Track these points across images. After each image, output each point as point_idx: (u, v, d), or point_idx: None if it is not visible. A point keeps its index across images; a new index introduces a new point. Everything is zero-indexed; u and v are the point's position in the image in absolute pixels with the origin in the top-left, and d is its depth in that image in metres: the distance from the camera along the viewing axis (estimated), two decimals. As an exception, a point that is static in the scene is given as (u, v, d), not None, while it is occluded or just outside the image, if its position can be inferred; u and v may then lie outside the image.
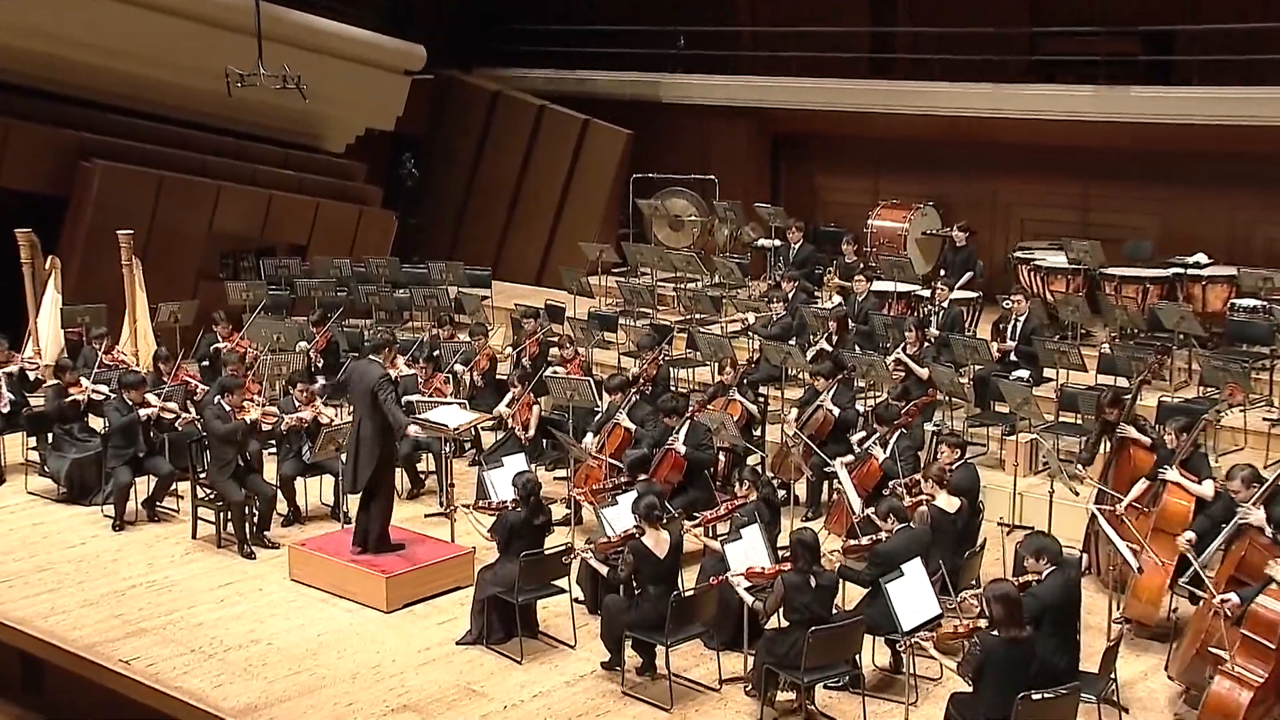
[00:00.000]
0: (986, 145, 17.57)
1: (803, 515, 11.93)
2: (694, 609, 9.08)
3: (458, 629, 10.02)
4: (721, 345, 14.00)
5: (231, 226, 18.05)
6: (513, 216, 20.74)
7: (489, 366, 14.08)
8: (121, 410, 12.07)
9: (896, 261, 15.65)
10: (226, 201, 17.79)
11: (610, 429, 12.02)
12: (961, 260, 15.89)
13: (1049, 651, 8.18)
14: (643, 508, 9.18)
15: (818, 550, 8.71)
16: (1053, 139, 16.82)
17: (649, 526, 9.15)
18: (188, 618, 10.31)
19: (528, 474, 9.99)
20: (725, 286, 16.96)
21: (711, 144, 19.87)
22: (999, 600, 7.78)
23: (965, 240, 15.98)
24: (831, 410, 12.07)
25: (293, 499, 12.13)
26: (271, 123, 18.51)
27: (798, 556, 8.63)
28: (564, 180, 20.21)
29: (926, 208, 17.76)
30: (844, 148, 19.17)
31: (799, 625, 8.53)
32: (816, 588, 8.61)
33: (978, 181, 17.97)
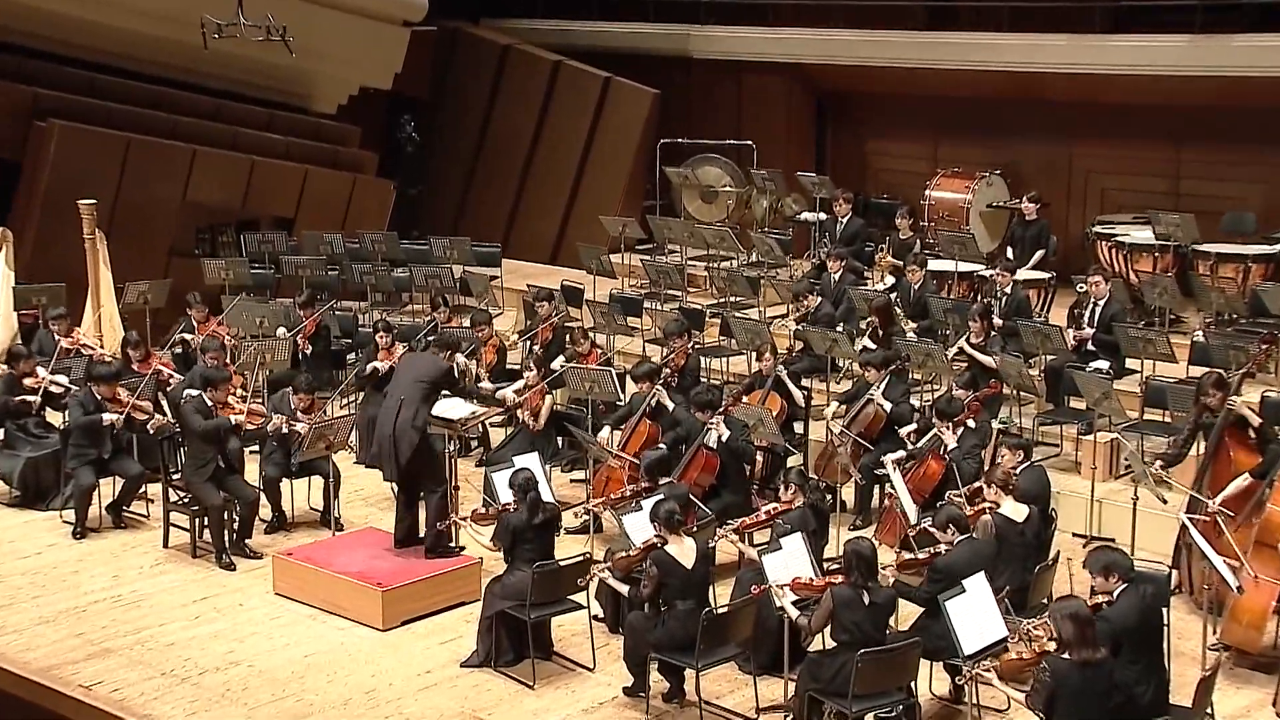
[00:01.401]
0: (1061, 105, 17.46)
1: (850, 523, 11.90)
2: (728, 627, 9.06)
3: (462, 649, 10.02)
4: (759, 331, 13.97)
5: (208, 196, 18.09)
6: (525, 187, 20.73)
7: (495, 359, 14.07)
8: (87, 405, 12.09)
9: (958, 238, 15.57)
10: (203, 168, 17.83)
11: (635, 424, 12.00)
12: (1032, 236, 15.81)
13: (1130, 681, 8.13)
14: (662, 513, 9.17)
15: (874, 563, 8.68)
16: (1139, 97, 16.70)
17: (671, 534, 9.13)
18: (158, 637, 10.32)
19: (525, 471, 10.04)
20: (763, 266, 16.92)
21: (748, 105, 19.81)
22: (1069, 618, 7.74)
23: (1036, 213, 15.90)
24: (883, 405, 12.03)
25: (278, 503, 12.16)
26: (253, 80, 18.55)
27: (851, 569, 8.60)
28: (582, 146, 20.19)
29: (992, 177, 17.67)
30: (898, 109, 19.08)
31: (847, 647, 8.50)
32: (870, 605, 8.59)
33: (1051, 146, 17.87)
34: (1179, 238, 15.04)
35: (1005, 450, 10.50)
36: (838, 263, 15.21)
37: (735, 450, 11.38)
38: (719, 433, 11.33)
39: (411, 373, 10.90)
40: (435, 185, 20.82)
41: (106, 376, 12.21)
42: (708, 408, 11.49)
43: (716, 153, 19.33)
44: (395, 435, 10.71)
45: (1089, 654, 7.69)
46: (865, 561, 8.61)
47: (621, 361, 14.74)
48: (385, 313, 16.41)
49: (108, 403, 12.12)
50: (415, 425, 10.68)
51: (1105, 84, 16.78)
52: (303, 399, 12.24)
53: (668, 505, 9.26)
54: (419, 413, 10.70)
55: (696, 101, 19.91)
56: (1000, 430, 11.69)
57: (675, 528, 9.15)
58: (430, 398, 10.74)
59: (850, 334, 13.85)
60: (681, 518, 9.28)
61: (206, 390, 11.58)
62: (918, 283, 14.68)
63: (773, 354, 12.82)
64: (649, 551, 9.25)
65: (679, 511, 9.28)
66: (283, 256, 17.26)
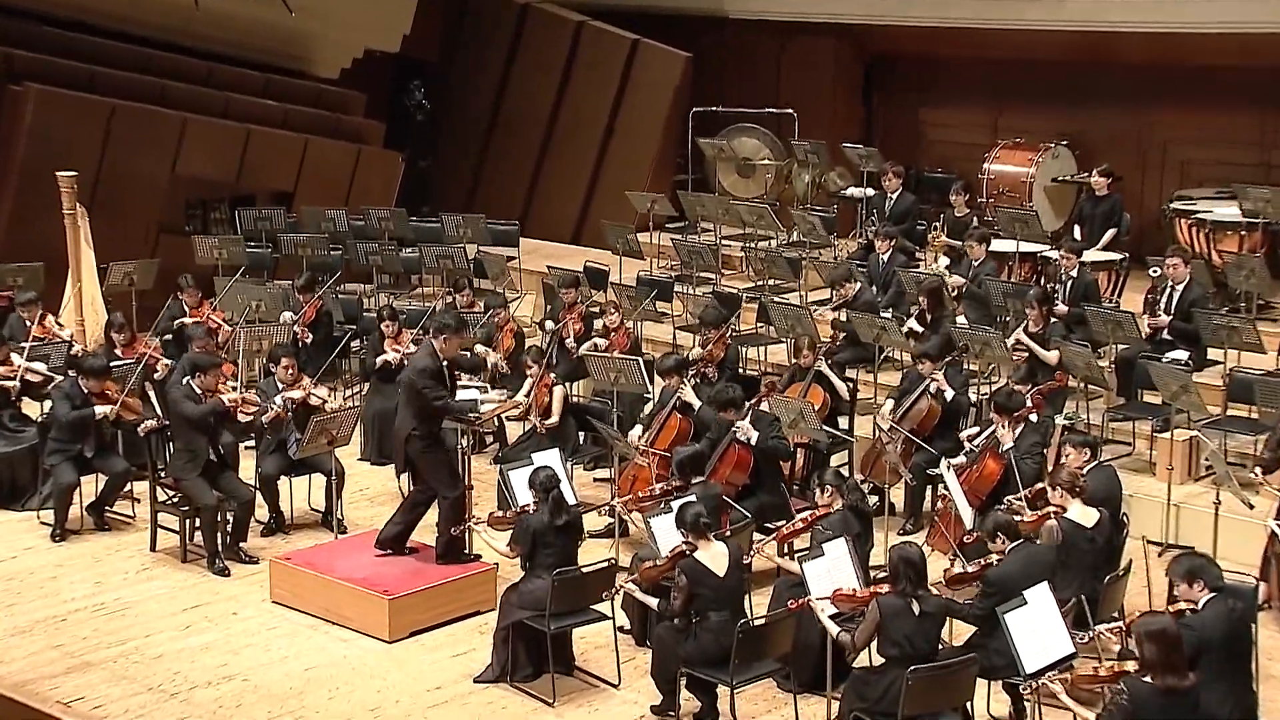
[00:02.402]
0: (1136, 68, 17.37)
1: (899, 528, 11.86)
2: (765, 640, 9.04)
3: (476, 663, 10.03)
4: (800, 318, 13.95)
5: (200, 169, 18.13)
6: (544, 159, 20.73)
7: (513, 345, 14.08)
8: (74, 399, 12.12)
9: (1019, 215, 15.51)
10: (193, 138, 17.87)
11: (664, 418, 12.00)
12: (1103, 213, 15.73)
13: (1211, 703, 8.06)
14: (689, 517, 9.16)
15: (924, 570, 8.65)
16: (1223, 57, 16.59)
17: (699, 539, 9.12)
18: (145, 649, 10.35)
19: (546, 469, 10.03)
20: (805, 246, 16.89)
21: (789, 70, 19.77)
22: (1154, 639, 7.65)
23: (1108, 188, 15.82)
24: (944, 392, 11.99)
25: (275, 503, 12.19)
26: (249, 41, 18.57)
27: (899, 576, 8.57)
28: (608, 115, 20.18)
29: (1058, 148, 17.59)
30: (955, 74, 19.02)
31: (896, 663, 8.48)
32: (920, 615, 8.56)
33: (1124, 114, 17.79)
34: (1268, 214, 14.91)
35: (1070, 449, 10.44)
36: (887, 243, 15.16)
37: (766, 451, 11.35)
38: (746, 435, 11.30)
39: (409, 368, 10.93)
40: (447, 157, 20.84)
41: (96, 370, 12.21)
42: (730, 407, 11.45)
43: (754, 122, 19.31)
44: (395, 434, 10.78)
45: (1174, 680, 7.60)
46: (914, 568, 8.58)
47: (651, 350, 14.74)
48: (392, 297, 16.45)
49: (94, 397, 12.15)
50: (415, 433, 10.65)
51: (1185, 44, 16.67)
52: (287, 367, 12.23)
53: (694, 509, 9.24)
54: (409, 420, 10.64)
55: (732, 66, 19.87)
56: (1065, 427, 11.64)
57: (703, 532, 9.13)
58: (420, 400, 10.60)
59: (899, 320, 13.82)
60: (709, 521, 9.24)
61: (195, 376, 11.61)
62: (978, 259, 14.62)
63: (811, 348, 12.78)
64: (677, 560, 9.23)
65: (706, 514, 9.25)
66: (281, 235, 17.29)
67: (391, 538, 11.00)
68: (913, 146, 19.36)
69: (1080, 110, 18.01)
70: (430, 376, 10.63)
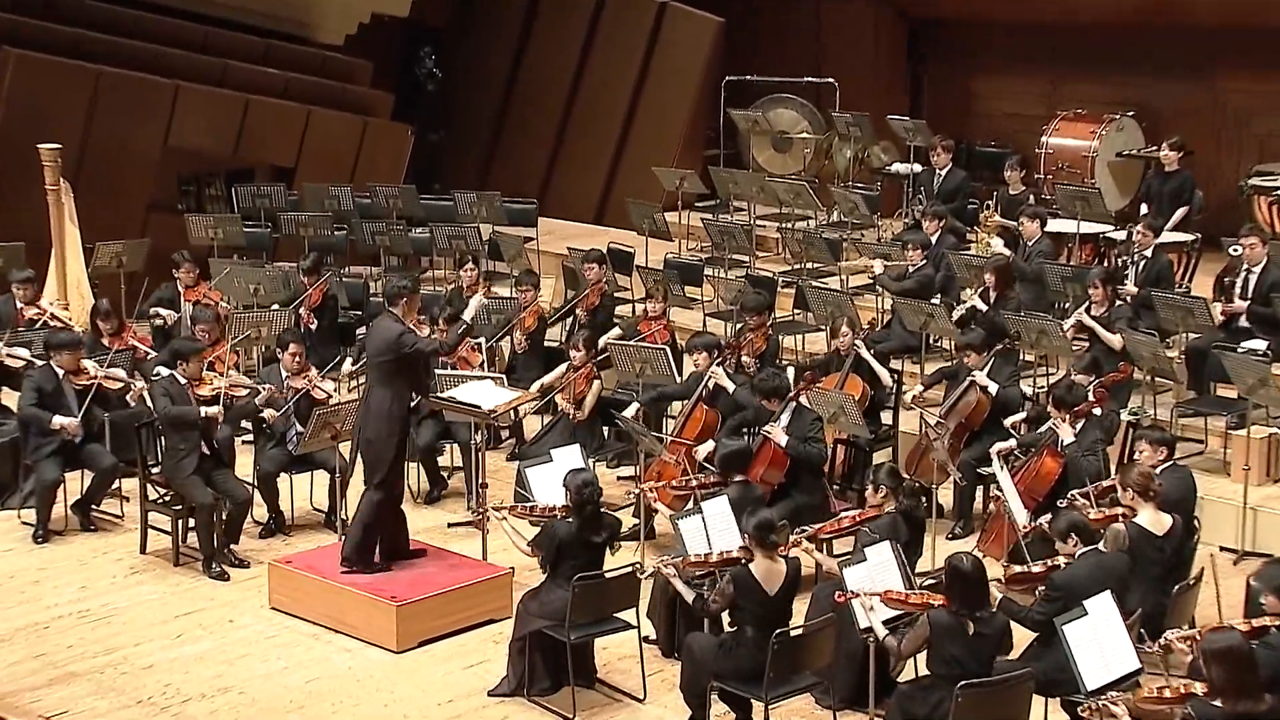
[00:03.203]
0: (1208, 31, 17.27)
1: (948, 531, 11.82)
2: (803, 652, 9.00)
3: (491, 675, 10.02)
4: (840, 304, 13.90)
5: (194, 141, 18.16)
6: (565, 133, 20.72)
7: (535, 326, 14.09)
8: (45, 385, 12.15)
9: (1080, 193, 15.46)
10: (187, 107, 17.90)
11: (690, 408, 11.97)
12: (1172, 190, 15.66)
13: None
14: (754, 526, 9.06)
15: (984, 586, 8.57)
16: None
17: (761, 552, 9.06)
18: (134, 659, 10.36)
19: (584, 474, 9.95)
20: (847, 226, 16.84)
21: (829, 36, 19.72)
22: (1220, 658, 7.53)
23: (1178, 163, 15.75)
24: (987, 387, 11.95)
25: (274, 502, 12.20)
26: (248, 4, 18.59)
27: (955, 593, 8.51)
28: (633, 85, 20.17)
29: (1123, 119, 17.52)
30: (1009, 39, 18.95)
31: (945, 680, 8.43)
32: (975, 635, 8.50)
33: (1196, 82, 17.71)
34: (1356, 190, 14.88)
35: (1145, 446, 10.36)
36: (935, 222, 15.12)
37: (799, 457, 11.29)
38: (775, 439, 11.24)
39: (371, 347, 10.80)
40: (460, 130, 20.83)
41: (67, 344, 12.23)
42: (773, 396, 11.41)
43: (792, 93, 19.27)
44: (363, 423, 10.69)
45: (1248, 705, 7.50)
46: (969, 583, 8.48)
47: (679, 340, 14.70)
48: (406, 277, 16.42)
49: (70, 376, 12.16)
50: (391, 413, 10.58)
51: (1263, 4, 16.55)
52: (295, 355, 12.24)
53: (764, 516, 9.13)
54: (387, 393, 10.59)
55: (768, 31, 19.82)
56: (1131, 423, 11.57)
57: (767, 546, 9.05)
58: (396, 378, 10.56)
59: (949, 306, 13.76)
60: (779, 537, 9.14)
61: (177, 365, 11.60)
62: (1033, 238, 14.55)
63: (852, 326, 12.75)
64: (728, 565, 9.20)
65: (775, 528, 9.13)
66: (281, 213, 17.32)
67: (391, 550, 10.96)
68: (963, 118, 19.30)
69: (1148, 77, 17.91)
70: (410, 338, 10.53)
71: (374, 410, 10.65)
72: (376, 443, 10.64)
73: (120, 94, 17.47)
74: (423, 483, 12.90)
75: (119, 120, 17.47)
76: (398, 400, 10.64)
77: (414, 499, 12.79)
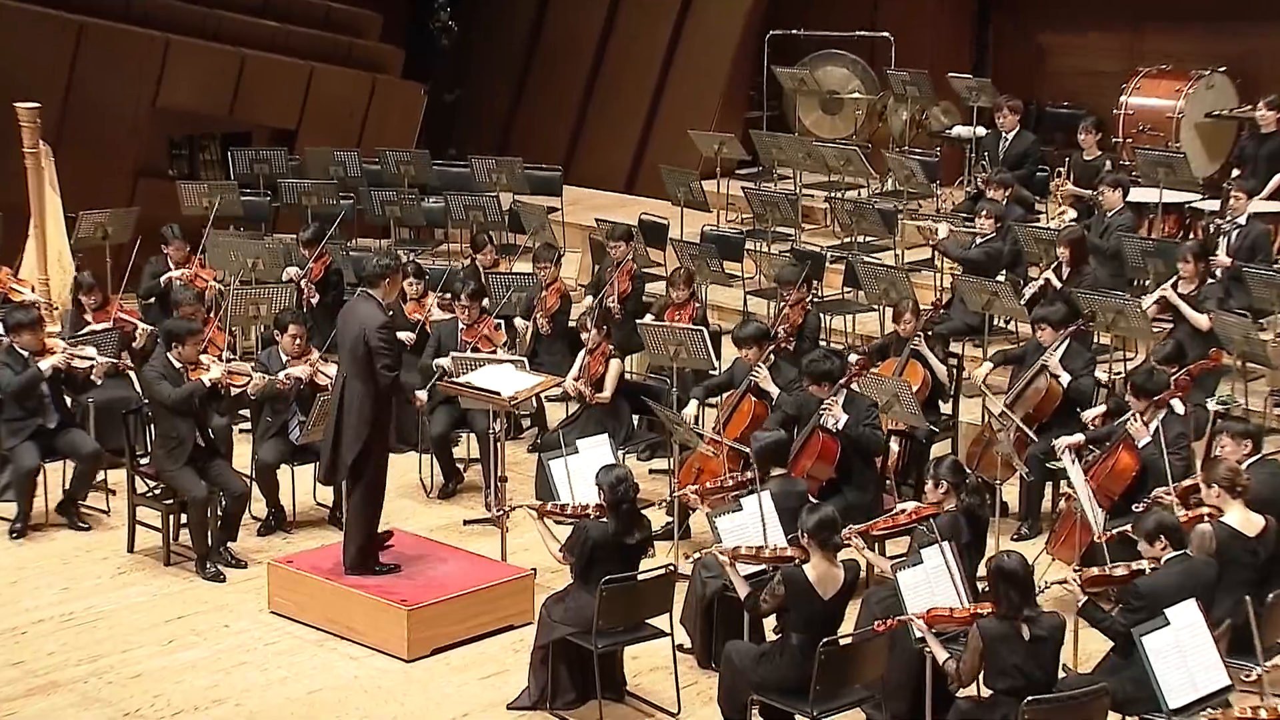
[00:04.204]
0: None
1: (1014, 532, 11.82)
2: (853, 664, 9.01)
3: (511, 687, 10.04)
4: (895, 281, 13.89)
5: (186, 100, 18.19)
6: (593, 93, 20.73)
7: (558, 305, 14.11)
8: (14, 365, 12.18)
9: (1164, 158, 15.42)
10: (178, 63, 17.93)
11: (737, 400, 11.98)
12: (1269, 154, 15.62)
13: None
14: (815, 523, 9.05)
15: (1029, 585, 8.58)
16: None
17: (819, 553, 9.07)
18: (120, 667, 10.40)
19: (619, 469, 9.96)
20: (903, 196, 16.83)
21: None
22: None
23: (1276, 124, 15.70)
24: (1059, 376, 11.93)
25: (274, 496, 12.25)
26: (244, -49, 18.64)
27: (1000, 595, 8.52)
28: (668, 40, 20.19)
29: (1214, 76, 17.46)
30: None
31: (1008, 694, 8.44)
32: (1031, 640, 8.51)
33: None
34: None
35: (1227, 440, 10.34)
36: (1001, 191, 15.12)
37: (856, 440, 11.32)
38: (835, 416, 11.26)
39: (347, 332, 10.67)
40: (477, 90, 20.84)
41: (26, 324, 12.22)
42: (825, 379, 11.42)
43: (842, 49, 19.22)
44: (339, 424, 10.60)
45: None
46: (1015, 582, 8.50)
47: (717, 319, 14.73)
48: (413, 253, 16.48)
49: (35, 357, 12.17)
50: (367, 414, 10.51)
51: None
52: (295, 337, 12.26)
53: (827, 513, 9.13)
54: (362, 385, 10.51)
55: (816, -19, 19.81)
56: (1218, 414, 11.53)
57: (827, 546, 9.07)
58: (368, 360, 10.49)
59: (1015, 284, 13.74)
60: (840, 540, 9.15)
61: (171, 348, 11.64)
62: (1112, 210, 14.49)
63: (915, 313, 12.74)
64: (780, 563, 9.22)
65: (838, 528, 9.15)
66: (281, 180, 17.37)
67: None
68: (1032, 76, 19.25)
69: (1241, 30, 17.82)
70: (385, 334, 10.48)
71: (350, 407, 10.56)
72: (355, 443, 10.57)
73: (104, 48, 17.50)
74: (436, 476, 12.93)
75: (103, 77, 17.50)
76: (376, 400, 10.54)
77: (426, 493, 12.86)
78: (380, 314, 10.60)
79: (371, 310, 10.62)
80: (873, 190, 17.60)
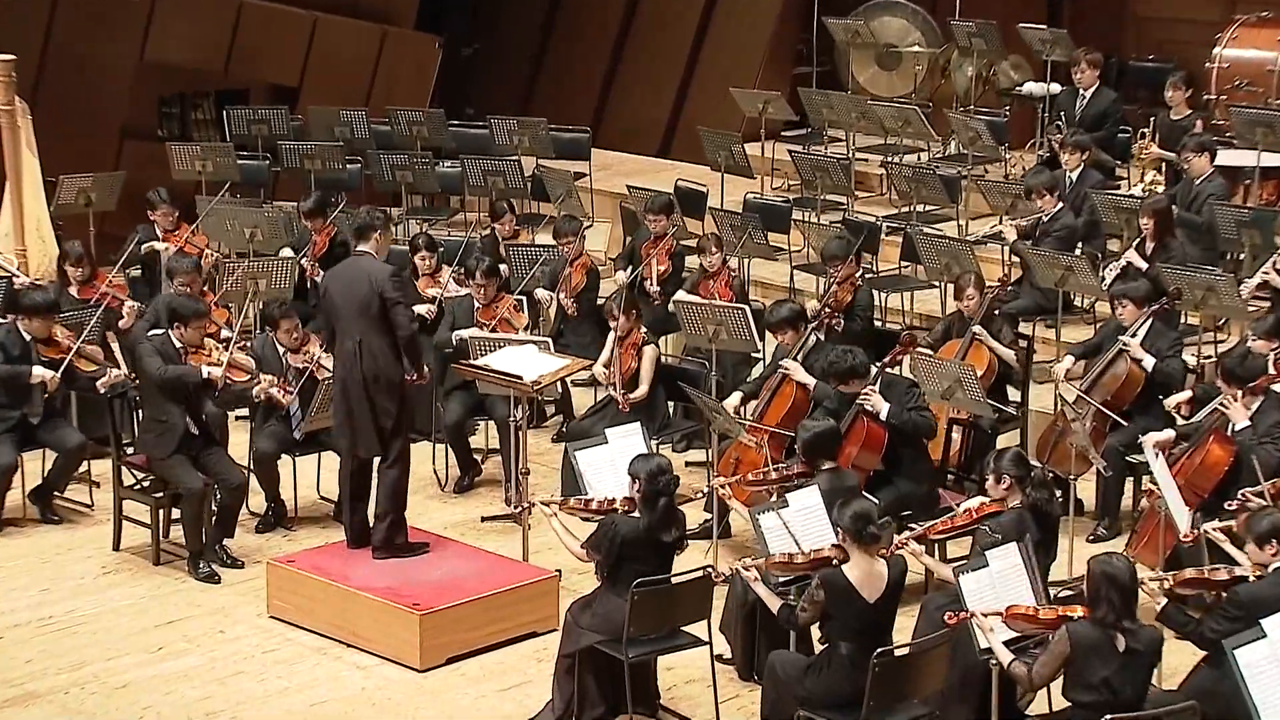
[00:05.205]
0: None
1: (1089, 532, 11.82)
2: (909, 675, 9.01)
3: (534, 700, 10.08)
4: (958, 255, 13.88)
5: (177, 54, 18.25)
6: (624, 47, 20.73)
7: (584, 283, 14.12)
8: (9, 348, 12.19)
9: (1263, 117, 15.38)
10: (168, 13, 18.00)
11: (776, 386, 12.00)
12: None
13: None
14: (850, 517, 9.09)
15: (1134, 593, 8.56)
16: None
17: (859, 550, 9.09)
18: (105, 675, 10.45)
19: (657, 459, 9.98)
20: (967, 160, 16.80)
21: (949, -73, 19.68)
22: None
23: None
24: (1141, 360, 11.92)
25: (274, 489, 12.30)
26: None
27: (1100, 598, 8.51)
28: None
29: (1320, 24, 17.40)
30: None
31: (1089, 710, 8.44)
32: (1125, 652, 8.51)
33: None
34: None
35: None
36: (1076, 155, 15.07)
37: (902, 427, 11.33)
38: (875, 407, 11.27)
39: (350, 293, 10.82)
40: (498, 43, 20.86)
41: (40, 307, 12.27)
42: (851, 378, 11.39)
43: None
44: (367, 388, 10.75)
45: None
46: (1121, 589, 8.47)
47: (760, 297, 14.73)
48: (426, 223, 16.50)
49: (40, 345, 12.23)
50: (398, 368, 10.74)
51: None
52: (289, 328, 12.29)
53: (861, 505, 9.16)
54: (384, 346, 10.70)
55: (873, -78, 19.81)
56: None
57: (866, 542, 9.09)
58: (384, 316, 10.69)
59: (1092, 258, 13.71)
60: (879, 532, 9.16)
61: (174, 327, 11.67)
62: (1201, 175, 14.46)
63: (978, 287, 12.73)
64: (819, 566, 9.24)
65: (875, 520, 9.15)
66: (282, 142, 17.39)
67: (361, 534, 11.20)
68: (1113, 26, 19.23)
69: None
70: (398, 281, 10.73)
71: (381, 369, 10.73)
72: (391, 408, 10.77)
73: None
74: (451, 467, 12.98)
75: (85, 28, 17.57)
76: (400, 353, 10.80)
77: (440, 487, 12.90)
78: (382, 265, 10.84)
79: (373, 264, 10.85)
80: (934, 154, 17.56)
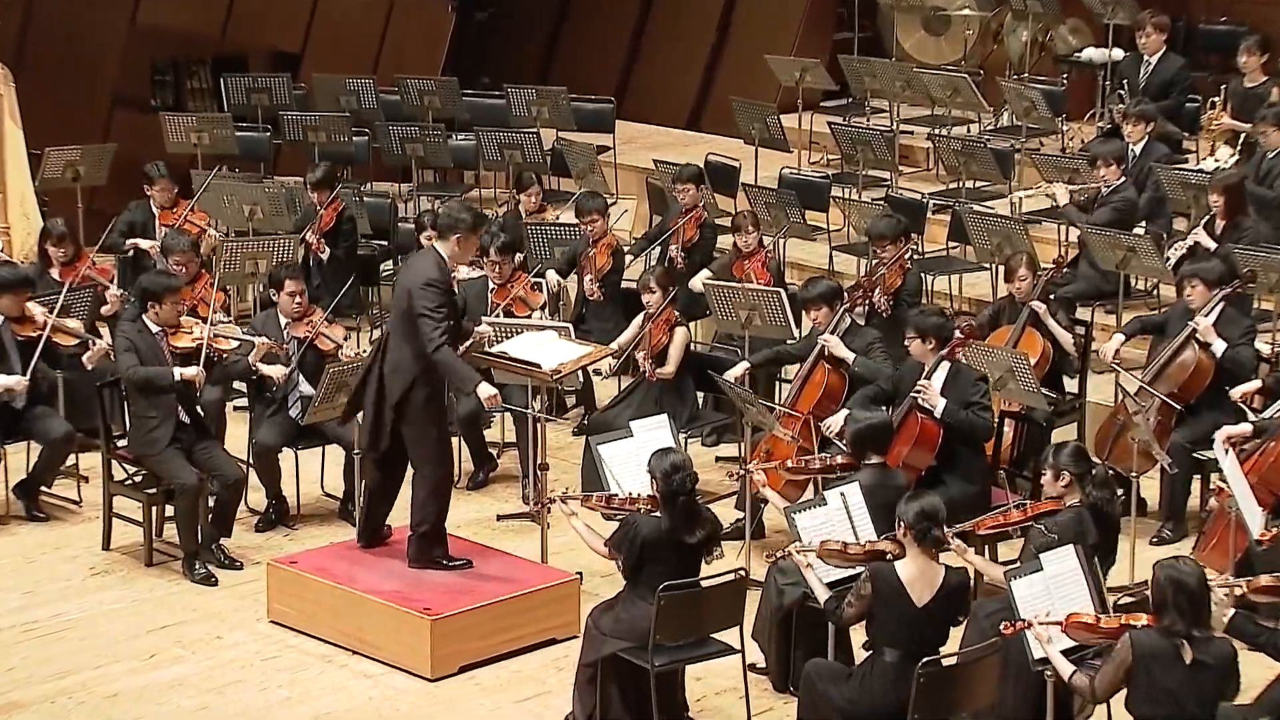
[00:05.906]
0: None
1: (1152, 534, 11.81)
2: (956, 687, 9.00)
3: (553, 711, 10.10)
4: (1010, 234, 13.85)
5: (171, 18, 18.29)
6: (651, 12, 20.72)
7: (609, 264, 14.13)
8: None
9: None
10: (163, -25, 18.07)
11: (808, 370, 12.01)
12: None
13: None
14: (915, 513, 9.05)
15: (1205, 602, 8.54)
16: None
17: (918, 549, 9.07)
18: (94, 684, 10.47)
19: (675, 455, 9.97)
20: (1021, 132, 16.77)
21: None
22: None
23: None
24: (1212, 345, 11.89)
25: (275, 484, 12.32)
26: None
27: (1166, 606, 8.49)
28: (741, -54, 20.21)
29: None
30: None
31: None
32: (1193, 664, 8.48)
33: None
34: None
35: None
36: (1141, 126, 15.05)
37: (958, 426, 11.32)
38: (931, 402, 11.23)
39: (398, 290, 10.86)
40: (515, 6, 20.85)
41: (12, 283, 12.33)
42: (933, 335, 11.37)
43: (950, -44, 19.21)
44: (383, 384, 10.77)
45: None
46: (1190, 596, 8.45)
47: (796, 279, 14.72)
48: (438, 200, 16.51)
49: (13, 324, 12.25)
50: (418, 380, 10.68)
51: None
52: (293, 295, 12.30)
53: (931, 502, 9.12)
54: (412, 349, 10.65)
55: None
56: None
57: (926, 542, 9.07)
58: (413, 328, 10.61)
59: (1157, 238, 13.68)
60: (940, 532, 9.15)
61: (149, 308, 11.66)
62: (1276, 149, 14.42)
63: (1031, 268, 12.70)
64: (872, 558, 9.24)
65: (936, 518, 9.14)
66: (284, 113, 17.44)
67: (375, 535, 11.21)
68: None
69: None
70: (434, 293, 10.58)
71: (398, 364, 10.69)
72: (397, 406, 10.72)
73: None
74: (465, 462, 12.98)
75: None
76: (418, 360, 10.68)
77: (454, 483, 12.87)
78: (431, 269, 10.66)
79: (424, 265, 10.74)
80: (984, 126, 17.54)
